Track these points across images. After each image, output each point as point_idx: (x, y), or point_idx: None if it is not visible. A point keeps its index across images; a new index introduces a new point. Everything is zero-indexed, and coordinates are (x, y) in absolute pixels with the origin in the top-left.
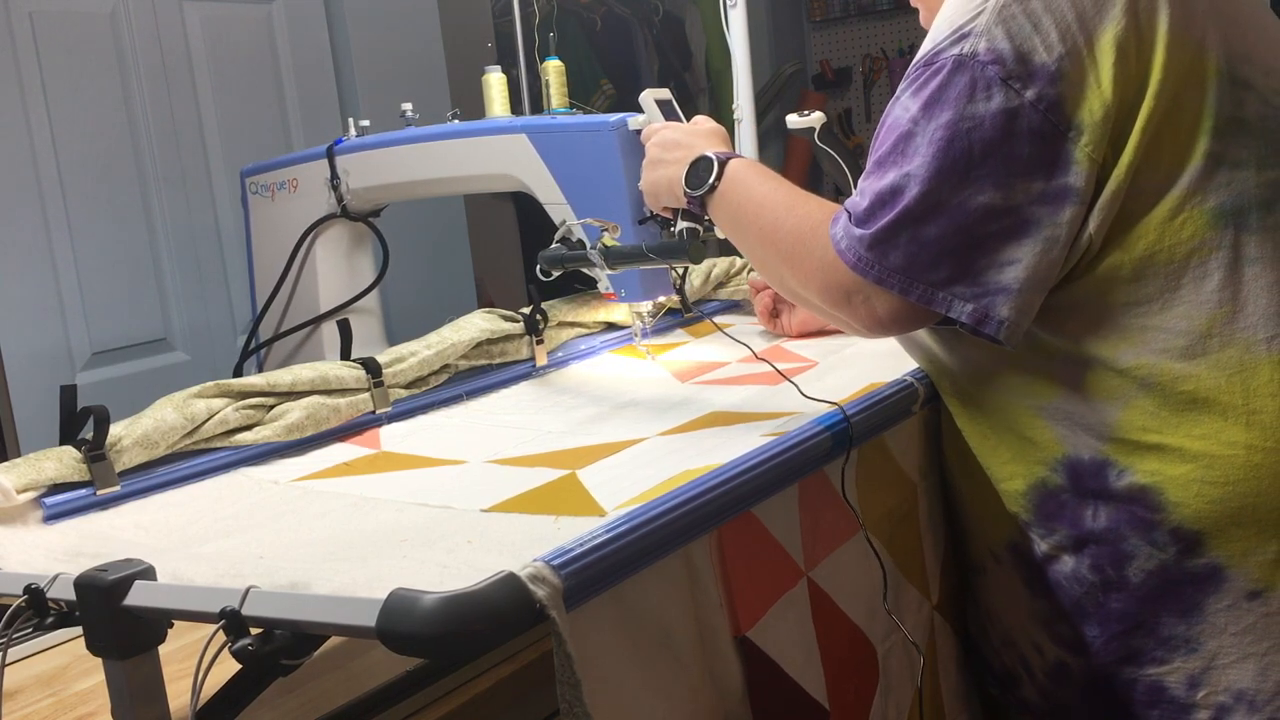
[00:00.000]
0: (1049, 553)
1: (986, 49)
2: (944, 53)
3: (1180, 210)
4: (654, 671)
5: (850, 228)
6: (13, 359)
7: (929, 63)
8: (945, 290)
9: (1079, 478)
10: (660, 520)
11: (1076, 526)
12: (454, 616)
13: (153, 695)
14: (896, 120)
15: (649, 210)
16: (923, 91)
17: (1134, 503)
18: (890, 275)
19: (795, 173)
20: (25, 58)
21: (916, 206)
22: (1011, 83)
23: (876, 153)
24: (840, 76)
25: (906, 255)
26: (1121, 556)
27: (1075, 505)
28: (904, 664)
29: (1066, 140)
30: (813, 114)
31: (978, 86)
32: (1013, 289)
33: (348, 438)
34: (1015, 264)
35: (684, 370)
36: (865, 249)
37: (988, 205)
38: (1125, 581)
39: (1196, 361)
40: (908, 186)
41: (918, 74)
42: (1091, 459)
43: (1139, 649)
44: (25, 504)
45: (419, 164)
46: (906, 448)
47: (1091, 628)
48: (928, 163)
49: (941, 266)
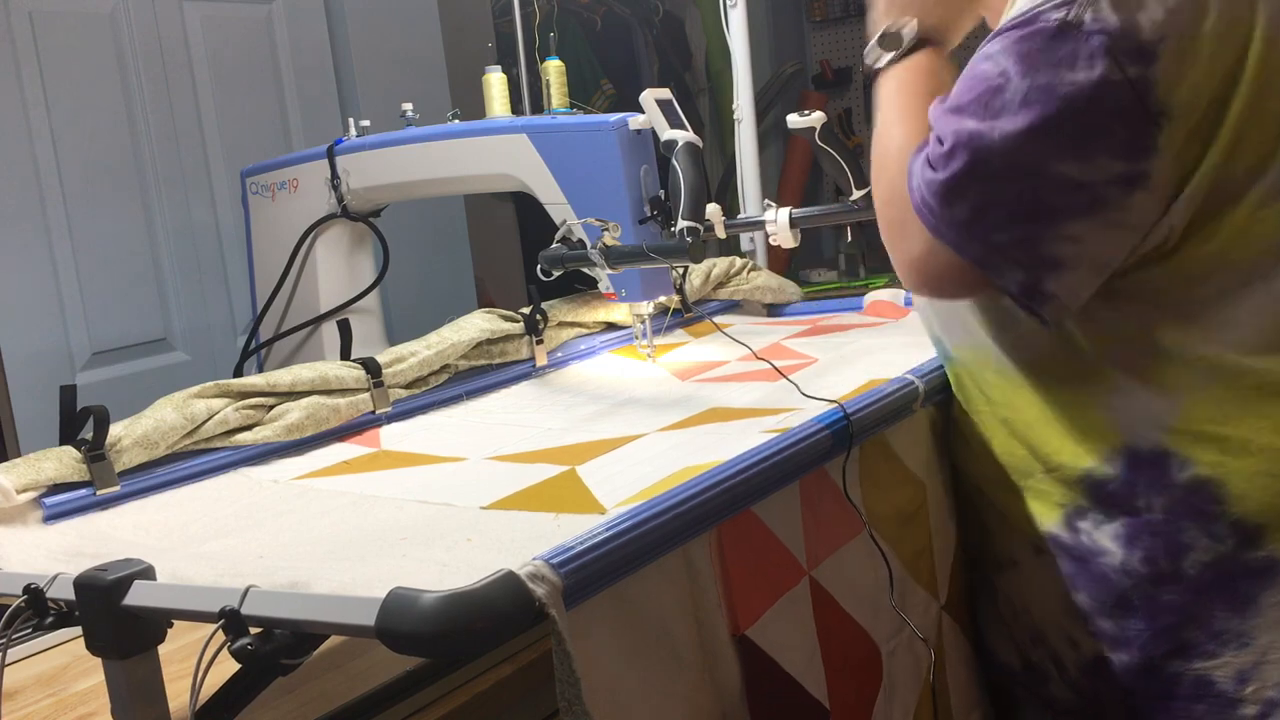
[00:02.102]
0: (1097, 544)
1: (1093, 18)
2: (1046, 14)
3: (1262, 206)
4: (653, 670)
5: (925, 169)
6: (13, 359)
7: (1027, 22)
8: (1000, 255)
9: (1136, 467)
10: (660, 519)
11: (1132, 516)
12: (453, 615)
13: (152, 695)
14: (984, 73)
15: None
16: (1018, 49)
17: (1194, 495)
18: (949, 229)
19: (795, 172)
20: (25, 58)
21: (994, 164)
22: (1116, 56)
23: (957, 98)
24: (840, 76)
25: (971, 211)
26: (1177, 549)
27: (1130, 496)
28: (909, 664)
29: (1155, 125)
30: (813, 114)
31: (1080, 54)
32: (1066, 265)
33: (348, 437)
34: (1075, 241)
35: (684, 369)
36: (932, 195)
37: (1064, 176)
38: (1179, 574)
39: (1267, 355)
40: (988, 140)
41: (1012, 31)
42: (1151, 449)
43: (1188, 642)
44: (25, 504)
45: (419, 164)
46: (912, 446)
47: (1138, 621)
48: (1014, 121)
49: (1003, 230)
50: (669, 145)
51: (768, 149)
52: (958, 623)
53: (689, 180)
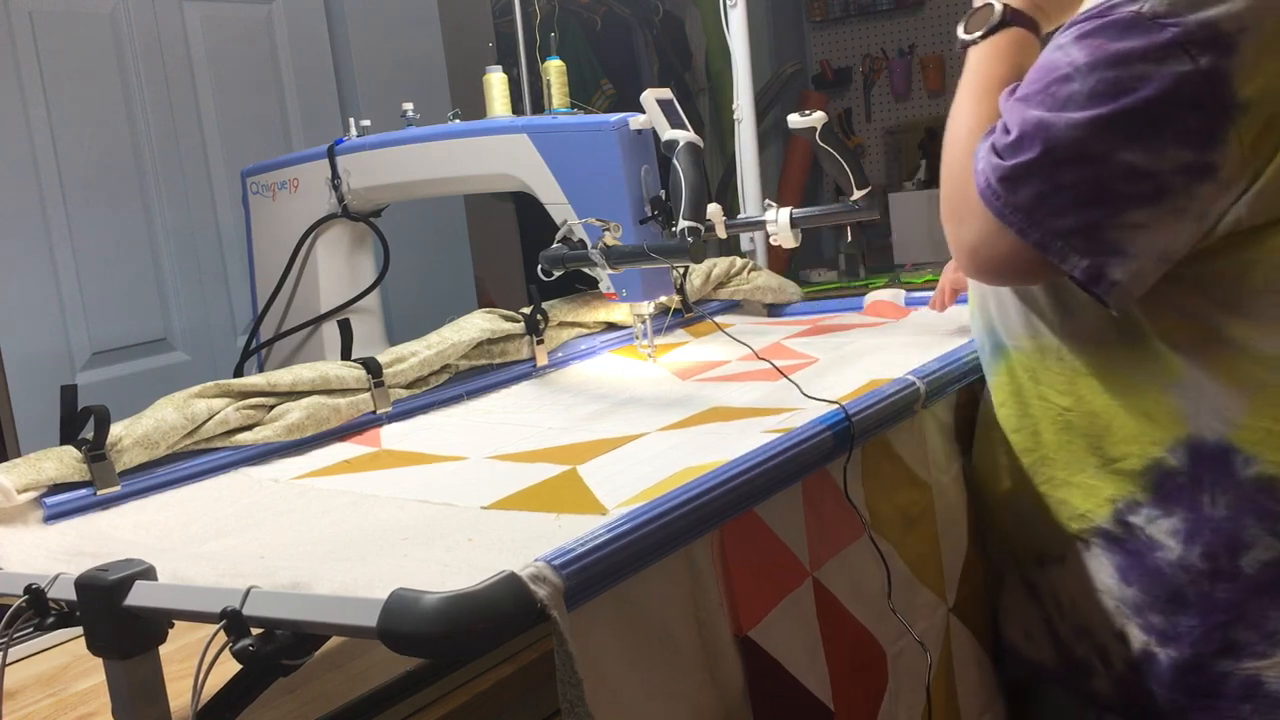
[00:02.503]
0: (1155, 538)
1: (1168, 9)
2: (1120, 6)
3: None
4: (655, 671)
5: (991, 155)
6: (13, 359)
7: (1100, 14)
8: (1064, 240)
9: (1200, 461)
10: (662, 520)
11: (1193, 511)
12: (455, 616)
13: (153, 695)
14: (1054, 62)
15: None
16: (1089, 40)
17: (1260, 493)
18: (1013, 213)
19: (795, 172)
20: (25, 58)
21: (1060, 151)
22: (1189, 48)
23: (1026, 87)
24: (840, 76)
25: (1036, 196)
26: (1238, 546)
27: (1193, 490)
28: (915, 666)
29: (1227, 117)
30: (814, 114)
31: (1152, 46)
32: (1131, 253)
33: (348, 437)
34: (1140, 229)
35: (684, 369)
36: (997, 180)
37: (1132, 164)
38: (1237, 571)
39: None
40: (1056, 129)
41: (1084, 23)
42: (1216, 443)
43: (1240, 642)
44: (26, 504)
45: (420, 164)
46: (914, 448)
47: (1190, 617)
48: (1083, 110)
49: (1067, 215)
50: (670, 145)
51: (768, 149)
52: (968, 625)
53: (690, 180)
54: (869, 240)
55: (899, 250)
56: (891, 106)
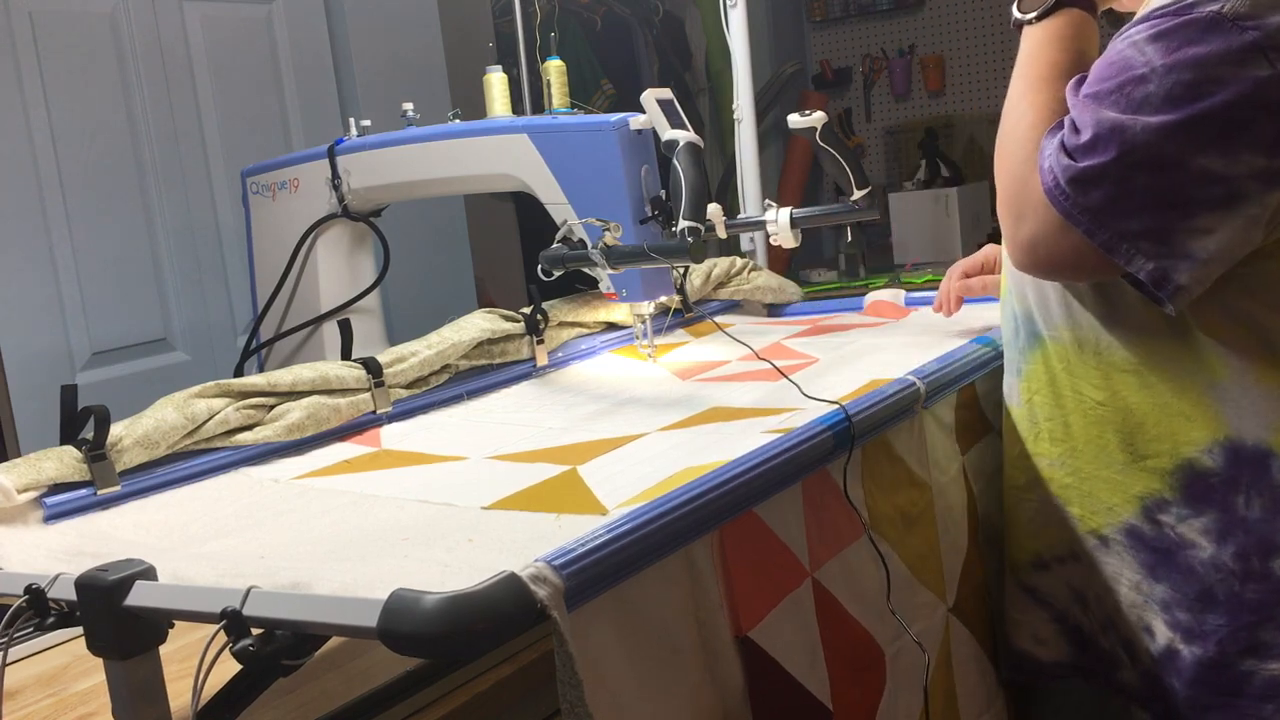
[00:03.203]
0: (1185, 536)
1: (1250, 10)
2: (1197, 5)
3: None
4: (655, 671)
5: (1060, 154)
6: (13, 359)
7: (1177, 12)
8: (1131, 243)
9: (1237, 463)
10: (662, 520)
11: (1226, 512)
12: (455, 616)
13: (153, 695)
14: (1128, 61)
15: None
16: (1166, 40)
17: None
18: (1082, 214)
19: (795, 172)
20: (25, 58)
21: (1135, 155)
22: (1269, 52)
23: (1097, 84)
24: (840, 76)
25: (1107, 198)
26: (1271, 548)
27: (1226, 491)
28: (914, 666)
29: None
30: (814, 114)
31: (1231, 48)
32: (1199, 258)
33: (348, 437)
34: (1209, 234)
35: (684, 369)
36: (1067, 181)
37: (1206, 169)
38: (1269, 573)
39: None
40: (1131, 132)
41: (1160, 20)
42: (1255, 446)
43: (1266, 642)
44: (26, 504)
45: (420, 164)
46: (915, 448)
47: (1218, 616)
48: (1159, 114)
49: (1137, 218)
50: (670, 145)
51: (768, 149)
52: (967, 625)
53: (690, 180)
54: (869, 240)
55: (899, 250)
56: (891, 106)
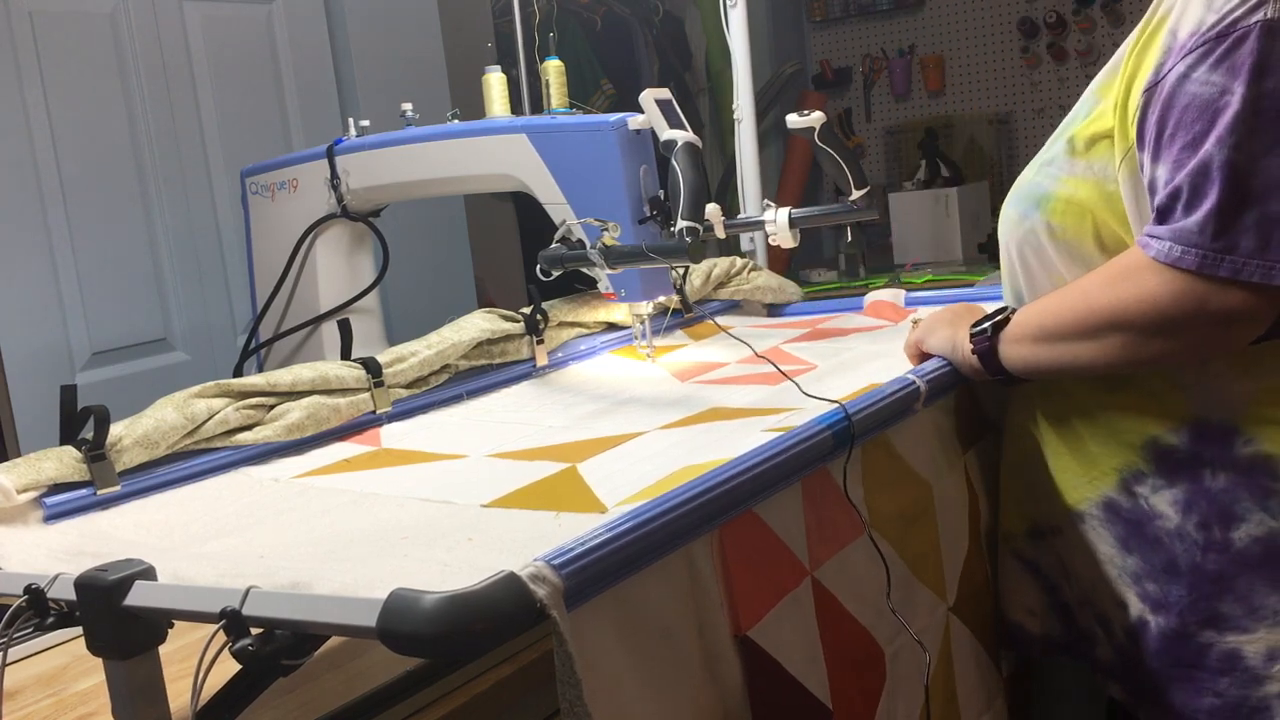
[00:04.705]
0: (1154, 509)
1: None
2: (1242, 21)
3: None
4: (654, 671)
5: (1175, 227)
6: (13, 359)
7: (1223, 34)
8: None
9: (1201, 439)
10: (661, 519)
11: (1194, 483)
12: (455, 616)
13: (153, 695)
14: (1201, 97)
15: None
16: (1228, 61)
17: (1256, 471)
18: (1247, 263)
19: (795, 172)
20: (25, 58)
21: (1258, 182)
22: None
23: (1179, 137)
24: (840, 76)
25: (1259, 236)
26: (1231, 518)
27: (1193, 464)
28: (913, 665)
29: None
30: (813, 114)
31: None
32: None
33: (348, 437)
34: None
35: (684, 370)
36: (1209, 239)
37: None
38: (1228, 544)
39: None
40: (1238, 163)
41: (1209, 46)
42: (1220, 423)
43: (1225, 615)
44: (26, 504)
45: (419, 164)
46: (915, 447)
47: (1180, 586)
48: (1262, 134)
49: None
50: (668, 145)
51: (768, 149)
52: (967, 624)
53: (688, 180)
54: (869, 240)
55: (899, 250)
56: (891, 106)
